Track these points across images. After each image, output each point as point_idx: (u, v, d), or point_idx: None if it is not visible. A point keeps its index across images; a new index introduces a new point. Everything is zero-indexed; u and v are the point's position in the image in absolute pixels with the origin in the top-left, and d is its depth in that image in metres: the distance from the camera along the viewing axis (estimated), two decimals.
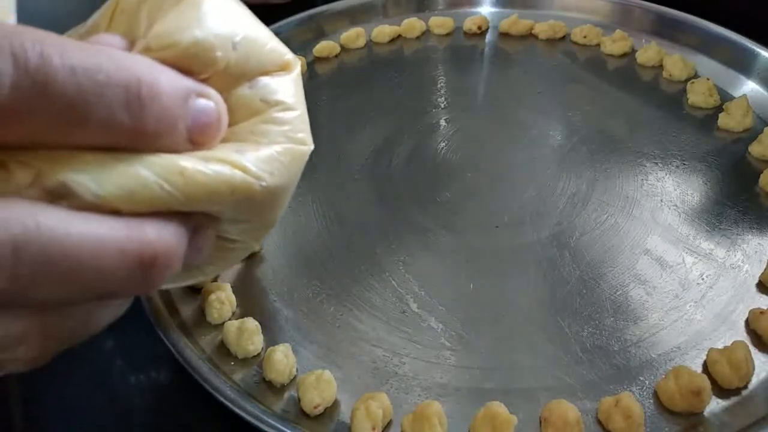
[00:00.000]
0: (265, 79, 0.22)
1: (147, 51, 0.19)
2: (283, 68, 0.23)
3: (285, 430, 0.32)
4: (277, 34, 0.23)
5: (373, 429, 0.33)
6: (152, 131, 0.18)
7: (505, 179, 0.50)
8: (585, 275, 0.42)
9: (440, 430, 0.33)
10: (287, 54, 0.23)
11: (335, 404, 0.35)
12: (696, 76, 0.59)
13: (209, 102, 0.20)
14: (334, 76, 0.64)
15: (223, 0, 0.21)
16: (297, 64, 0.24)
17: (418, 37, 0.68)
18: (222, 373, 0.36)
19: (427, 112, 0.58)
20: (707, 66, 0.60)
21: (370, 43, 0.67)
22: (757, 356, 0.36)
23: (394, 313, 0.40)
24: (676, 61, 0.59)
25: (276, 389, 0.36)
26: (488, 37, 0.68)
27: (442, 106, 0.59)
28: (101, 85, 0.17)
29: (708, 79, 0.57)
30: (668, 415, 0.34)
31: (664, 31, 0.64)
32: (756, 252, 0.43)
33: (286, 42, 0.24)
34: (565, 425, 0.33)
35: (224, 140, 0.21)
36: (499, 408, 0.33)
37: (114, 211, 0.18)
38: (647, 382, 0.36)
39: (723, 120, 0.54)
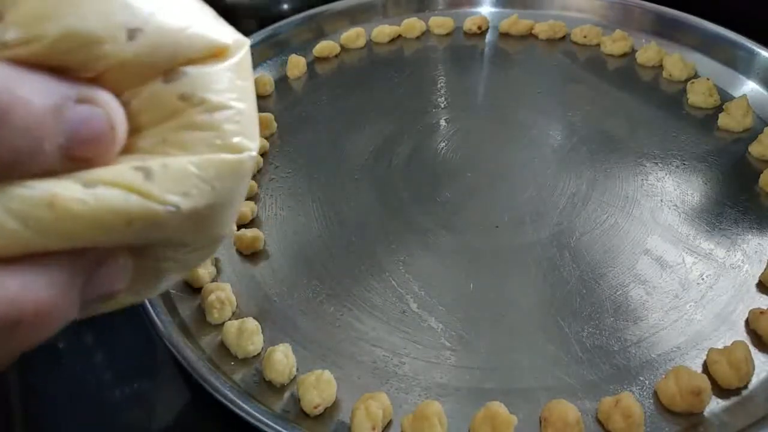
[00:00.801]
0: (187, 71, 0.17)
1: (4, 48, 0.15)
2: (217, 54, 0.18)
3: (285, 430, 0.32)
4: (277, 34, 0.21)
5: (373, 429, 0.33)
6: (5, 161, 0.15)
7: (505, 179, 0.50)
8: (585, 275, 0.42)
9: (440, 430, 0.33)
10: (219, 37, 0.18)
11: (335, 404, 0.35)
12: (696, 76, 0.59)
13: (94, 108, 0.16)
14: (334, 76, 0.64)
15: None
16: (239, 49, 0.18)
17: (418, 37, 0.68)
18: (222, 373, 0.36)
19: (427, 112, 0.58)
20: (707, 66, 0.60)
21: (370, 43, 0.67)
22: (757, 356, 0.36)
23: (394, 313, 0.40)
24: (676, 61, 0.59)
25: (276, 389, 0.36)
26: (488, 37, 0.68)
27: (442, 106, 0.59)
28: None
29: (708, 79, 0.57)
30: (668, 415, 0.34)
31: (664, 31, 0.64)
32: (756, 252, 0.43)
33: (286, 42, 0.22)
34: (565, 425, 0.33)
35: (128, 151, 0.17)
36: (499, 408, 0.33)
37: None
38: (647, 382, 0.36)
39: (723, 120, 0.54)
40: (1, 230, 0.15)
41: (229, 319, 0.39)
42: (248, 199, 0.48)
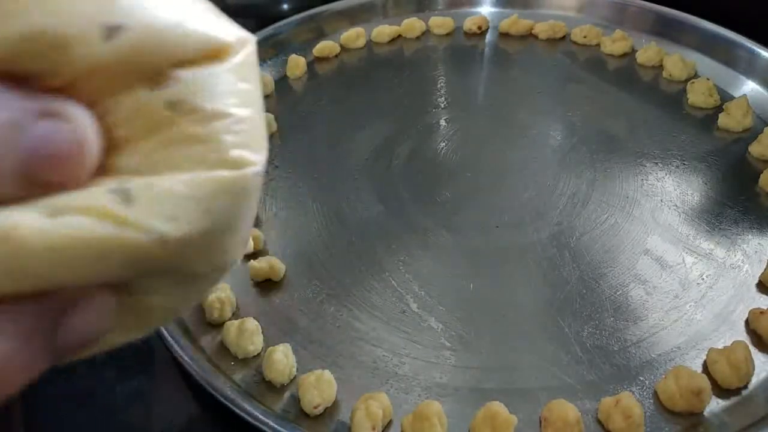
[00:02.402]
0: (179, 74, 0.14)
1: None
2: (215, 54, 0.15)
3: (285, 430, 0.32)
4: (277, 34, 0.20)
5: (373, 429, 0.33)
6: None
7: (505, 179, 0.50)
8: (585, 275, 0.42)
9: (440, 430, 0.33)
10: (219, 35, 0.15)
11: (335, 404, 0.35)
12: (696, 76, 0.59)
13: (59, 124, 0.13)
14: (334, 76, 0.64)
15: None
16: (243, 47, 0.16)
17: (418, 37, 0.68)
18: (222, 373, 0.36)
19: (427, 112, 0.58)
20: (707, 66, 0.60)
21: (370, 43, 0.67)
22: (757, 356, 0.36)
23: (394, 313, 0.40)
24: (676, 61, 0.59)
25: (276, 389, 0.36)
26: (488, 37, 0.68)
27: (442, 106, 0.59)
28: None
29: (708, 79, 0.57)
30: (668, 415, 0.34)
31: (664, 31, 0.64)
32: (756, 252, 0.43)
33: (286, 42, 0.21)
34: (565, 425, 0.33)
35: (107, 172, 0.14)
36: (499, 408, 0.33)
37: None
38: (647, 382, 0.36)
39: (723, 120, 0.54)
40: None
41: (229, 319, 0.39)
42: None
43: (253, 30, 0.68)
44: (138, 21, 0.14)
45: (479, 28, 0.68)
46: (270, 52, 0.63)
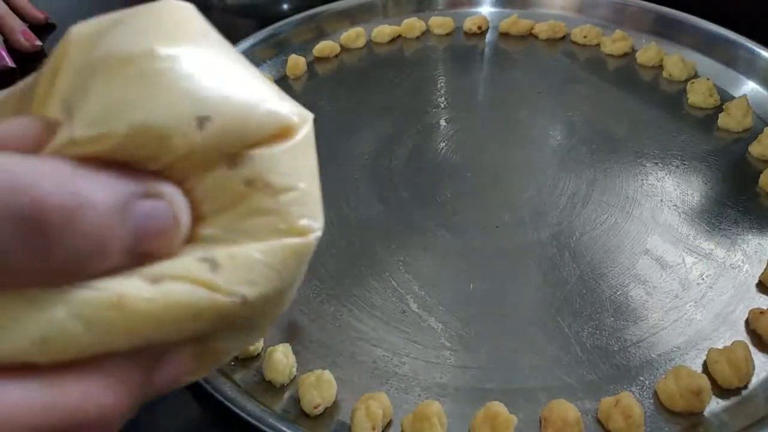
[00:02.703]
0: (253, 154, 0.16)
1: (73, 145, 0.14)
2: (282, 135, 0.17)
3: (285, 430, 0.32)
4: (277, 34, 0.21)
5: (373, 429, 0.33)
6: (69, 266, 0.14)
7: (505, 179, 0.50)
8: (585, 275, 0.42)
9: (440, 430, 0.33)
10: (287, 116, 0.17)
11: (335, 404, 0.35)
12: (696, 76, 0.59)
13: (158, 202, 0.15)
14: (334, 76, 0.64)
15: (190, 55, 0.15)
16: (304, 125, 0.18)
17: (418, 37, 0.68)
18: (222, 373, 0.36)
19: (427, 112, 0.58)
20: (707, 66, 0.60)
21: (370, 43, 0.67)
22: (757, 356, 0.36)
23: (394, 313, 0.40)
24: (676, 61, 0.59)
25: (276, 389, 0.36)
26: (488, 37, 0.68)
27: (442, 106, 0.59)
28: None
29: (708, 79, 0.57)
30: (668, 415, 0.34)
31: (664, 31, 0.64)
32: (756, 252, 0.43)
33: (286, 42, 0.22)
34: (565, 425, 0.33)
35: (193, 240, 0.16)
36: (499, 408, 0.33)
37: (31, 367, 0.14)
38: (647, 382, 0.36)
39: (723, 120, 0.54)
40: (64, 334, 0.14)
41: None
42: None
43: (253, 30, 0.68)
44: (221, 111, 0.15)
45: (479, 28, 0.68)
46: (270, 52, 0.63)
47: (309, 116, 0.18)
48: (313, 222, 0.18)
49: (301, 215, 0.17)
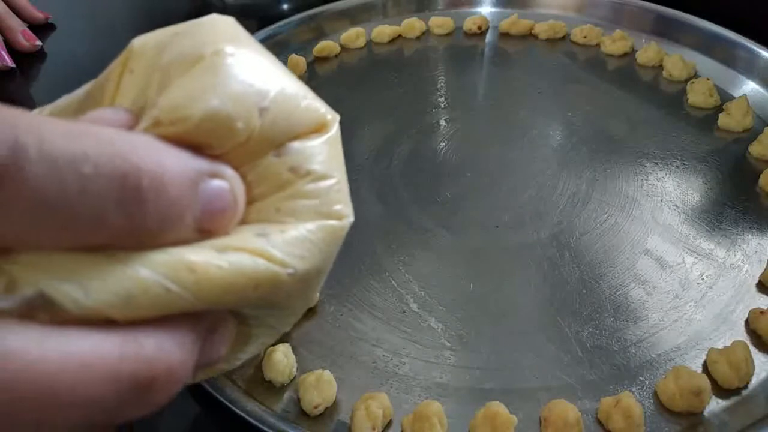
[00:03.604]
0: (295, 145, 0.18)
1: (157, 126, 0.16)
2: (318, 129, 0.20)
3: (285, 430, 0.32)
4: (277, 34, 0.22)
5: (373, 429, 0.33)
6: (154, 228, 0.15)
7: (505, 179, 0.50)
8: (585, 275, 0.42)
9: (440, 430, 0.33)
10: (324, 112, 0.20)
11: (335, 404, 0.35)
12: (696, 76, 0.59)
13: (223, 183, 0.17)
14: (334, 76, 0.64)
15: (249, 54, 0.18)
16: (335, 122, 0.21)
17: (418, 37, 0.68)
18: (222, 373, 0.36)
19: (427, 112, 0.58)
20: (707, 66, 0.60)
21: (370, 43, 0.67)
22: (757, 356, 0.36)
23: (394, 313, 0.40)
24: (676, 61, 0.59)
25: (276, 389, 0.36)
26: (488, 37, 0.68)
27: (442, 106, 0.59)
28: (88, 179, 0.14)
29: (708, 79, 0.57)
30: (668, 415, 0.34)
31: (664, 31, 0.64)
32: (756, 252, 0.43)
33: (286, 42, 0.23)
34: (565, 425, 0.33)
35: (244, 221, 0.18)
36: (499, 408, 0.33)
37: (107, 321, 0.15)
38: (647, 382, 0.36)
39: (723, 120, 0.54)
40: (146, 293, 0.15)
41: None
42: None
43: (253, 30, 0.68)
44: (277, 103, 0.18)
45: (479, 28, 0.68)
46: (270, 52, 0.62)
47: (337, 116, 0.21)
48: (346, 208, 0.20)
49: (338, 201, 0.19)
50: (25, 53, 0.68)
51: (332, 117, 0.20)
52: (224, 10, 0.75)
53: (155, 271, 0.15)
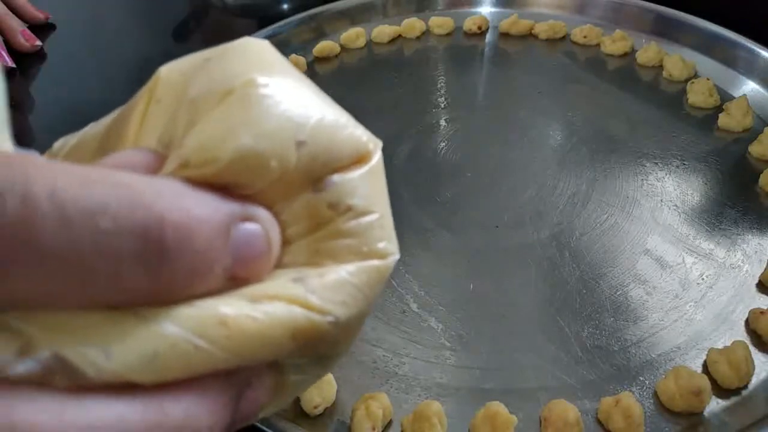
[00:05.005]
0: (335, 179, 0.17)
1: (184, 168, 0.15)
2: (360, 160, 0.18)
3: (285, 429, 0.32)
4: (277, 34, 0.21)
5: (373, 429, 0.33)
6: (180, 284, 0.14)
7: (505, 179, 0.50)
8: (585, 275, 0.42)
9: (440, 430, 0.33)
10: (366, 140, 0.18)
11: (335, 404, 0.35)
12: (696, 76, 0.59)
13: (256, 227, 0.15)
14: (334, 76, 0.64)
15: (283, 83, 0.16)
16: (377, 150, 0.19)
17: (418, 37, 0.68)
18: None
19: (427, 112, 0.58)
20: (707, 66, 0.60)
21: (370, 43, 0.67)
22: (757, 356, 0.36)
23: (394, 313, 0.40)
24: (676, 61, 0.59)
25: None
26: (488, 37, 0.68)
27: (442, 106, 0.59)
28: (104, 235, 0.13)
29: (708, 79, 0.57)
30: (668, 415, 0.34)
31: (664, 31, 0.64)
32: (756, 252, 0.43)
33: (286, 42, 0.22)
34: (565, 425, 0.33)
35: (279, 264, 0.16)
36: (499, 408, 0.33)
37: (131, 384, 0.14)
38: (647, 382, 0.36)
39: (723, 120, 0.54)
40: (175, 351, 0.14)
41: None
42: None
43: (253, 30, 0.68)
44: (315, 135, 0.16)
45: (479, 28, 0.68)
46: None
47: (379, 143, 0.19)
48: (391, 245, 0.18)
49: (381, 238, 0.17)
50: (25, 53, 0.68)
51: (374, 145, 0.18)
52: (224, 10, 0.75)
53: (182, 326, 0.14)
